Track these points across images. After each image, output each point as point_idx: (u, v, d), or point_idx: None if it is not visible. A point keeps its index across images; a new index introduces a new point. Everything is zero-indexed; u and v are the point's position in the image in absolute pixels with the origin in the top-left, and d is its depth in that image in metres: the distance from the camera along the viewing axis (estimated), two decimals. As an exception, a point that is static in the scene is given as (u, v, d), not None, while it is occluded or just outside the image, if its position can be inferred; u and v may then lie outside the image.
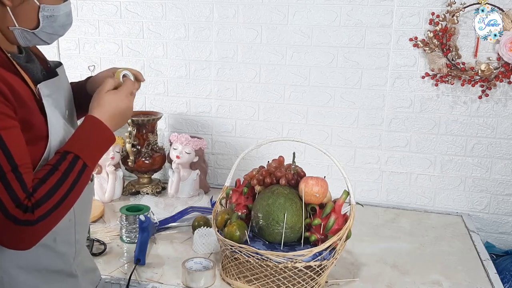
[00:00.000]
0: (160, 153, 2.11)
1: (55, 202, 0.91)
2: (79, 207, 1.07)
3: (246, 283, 1.37)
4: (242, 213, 1.50)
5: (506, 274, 1.75)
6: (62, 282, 1.09)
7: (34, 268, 1.02)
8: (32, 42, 1.01)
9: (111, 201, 2.02)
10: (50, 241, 1.03)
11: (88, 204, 1.18)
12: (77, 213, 1.09)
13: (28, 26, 0.97)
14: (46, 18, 0.97)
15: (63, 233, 1.06)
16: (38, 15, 0.96)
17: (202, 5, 2.12)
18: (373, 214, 2.00)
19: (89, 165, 0.97)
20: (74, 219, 1.08)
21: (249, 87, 2.16)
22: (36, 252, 1.00)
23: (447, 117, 2.00)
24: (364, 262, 1.58)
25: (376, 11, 1.97)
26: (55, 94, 1.03)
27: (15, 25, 0.95)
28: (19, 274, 1.00)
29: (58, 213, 0.93)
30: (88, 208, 1.19)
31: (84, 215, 1.16)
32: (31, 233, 0.90)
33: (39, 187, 0.90)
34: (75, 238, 1.10)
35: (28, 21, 0.96)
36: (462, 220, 1.97)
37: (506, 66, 1.88)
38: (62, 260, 1.08)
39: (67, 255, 1.09)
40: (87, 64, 2.27)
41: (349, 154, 2.12)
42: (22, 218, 0.87)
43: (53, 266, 1.06)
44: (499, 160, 2.00)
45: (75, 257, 1.12)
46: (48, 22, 0.98)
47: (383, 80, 2.03)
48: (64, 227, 1.04)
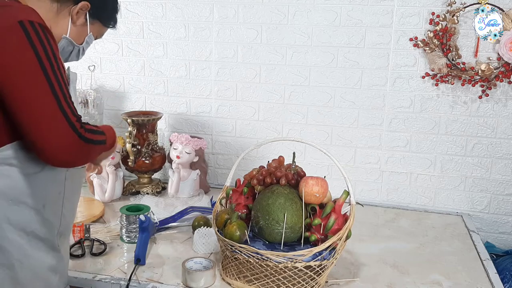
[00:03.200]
0: (160, 153, 2.11)
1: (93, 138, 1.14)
2: (70, 183, 1.21)
3: (246, 283, 1.37)
4: (242, 213, 1.50)
5: (506, 274, 1.75)
6: (45, 252, 1.18)
7: (22, 228, 1.13)
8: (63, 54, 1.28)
9: (111, 201, 2.02)
10: (40, 206, 1.15)
11: (78, 186, 1.30)
12: (68, 188, 1.21)
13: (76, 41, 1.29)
14: (86, 43, 1.32)
15: (52, 203, 1.18)
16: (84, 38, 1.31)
17: (202, 5, 2.12)
18: (373, 214, 2.00)
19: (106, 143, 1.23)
20: (64, 193, 1.20)
21: (249, 87, 2.16)
22: (26, 213, 1.13)
23: (447, 117, 2.00)
24: (364, 262, 1.58)
25: (376, 11, 1.97)
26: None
27: (67, 35, 1.25)
28: (7, 230, 1.11)
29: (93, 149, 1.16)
30: (78, 190, 1.30)
31: (74, 194, 1.27)
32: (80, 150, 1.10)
33: (88, 123, 1.15)
34: (61, 212, 1.21)
35: (77, 38, 1.28)
36: (462, 220, 1.97)
37: (506, 66, 1.88)
38: (47, 228, 1.18)
39: (52, 225, 1.19)
40: (87, 64, 2.27)
41: (349, 154, 2.12)
42: (80, 131, 1.09)
43: (39, 232, 1.16)
44: (499, 160, 2.00)
45: (59, 230, 1.21)
46: (85, 46, 1.33)
47: (383, 80, 2.03)
48: (53, 197, 1.18)
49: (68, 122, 1.06)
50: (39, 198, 1.14)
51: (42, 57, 1.05)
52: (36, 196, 1.13)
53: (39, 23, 1.07)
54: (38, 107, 1.04)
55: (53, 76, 1.06)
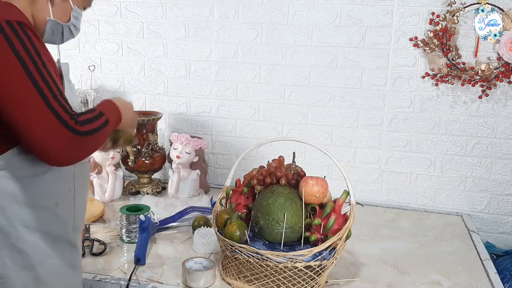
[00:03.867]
0: (160, 153, 2.11)
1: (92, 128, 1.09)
2: (79, 179, 1.21)
3: (246, 283, 1.37)
4: (242, 213, 1.50)
5: (506, 274, 1.75)
6: (63, 250, 1.18)
7: (37, 229, 1.12)
8: (54, 37, 1.21)
9: (111, 201, 2.02)
10: (53, 205, 1.14)
11: (86, 181, 1.29)
12: (77, 184, 1.21)
13: (61, 20, 1.19)
14: (74, 18, 1.22)
15: (64, 200, 1.17)
16: (70, 14, 1.21)
17: (202, 5, 2.12)
18: (373, 214, 2.00)
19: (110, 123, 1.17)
20: (74, 189, 1.20)
21: (249, 87, 2.16)
22: (40, 214, 1.12)
23: (447, 117, 2.00)
24: (364, 262, 1.58)
25: (376, 11, 1.97)
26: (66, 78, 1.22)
27: (51, 17, 1.17)
28: (24, 233, 1.11)
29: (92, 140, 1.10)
30: (86, 185, 1.29)
31: (83, 190, 1.26)
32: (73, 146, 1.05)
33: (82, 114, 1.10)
34: (74, 208, 1.21)
35: (62, 16, 1.20)
36: (462, 220, 1.97)
37: (506, 66, 1.88)
38: (62, 225, 1.17)
39: (67, 222, 1.19)
40: (87, 64, 2.27)
41: (349, 154, 2.12)
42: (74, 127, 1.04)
43: (55, 230, 1.15)
44: (499, 160, 2.00)
45: (74, 227, 1.21)
46: (75, 21, 1.23)
47: (383, 80, 2.03)
48: (64, 195, 1.17)
49: (60, 120, 1.02)
50: (50, 197, 1.13)
51: (24, 58, 1.01)
52: (47, 196, 1.13)
53: (17, 21, 1.04)
54: (26, 109, 1.01)
55: (38, 76, 1.02)
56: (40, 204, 1.12)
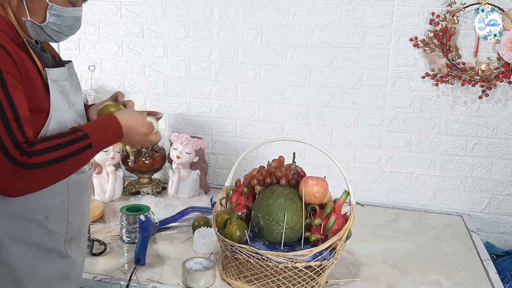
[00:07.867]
0: (160, 153, 2.11)
1: (50, 159, 0.99)
2: (74, 190, 1.15)
3: (246, 283, 1.37)
4: (242, 213, 1.50)
5: (506, 274, 1.75)
6: (53, 261, 1.14)
7: (25, 241, 1.09)
8: (41, 36, 1.12)
9: (111, 201, 2.02)
10: (42, 218, 1.10)
11: (85, 190, 1.23)
12: (72, 195, 1.16)
13: (37, 20, 1.09)
14: (53, 15, 1.09)
15: (56, 213, 1.13)
16: (46, 12, 1.08)
17: (202, 5, 2.12)
18: (373, 214, 2.00)
19: (93, 147, 1.07)
20: (68, 201, 1.15)
21: (249, 87, 2.16)
22: (27, 226, 1.08)
23: (447, 117, 2.00)
24: (364, 262, 1.58)
25: (376, 11, 1.97)
26: (61, 81, 1.13)
27: (27, 17, 1.08)
28: (10, 245, 1.07)
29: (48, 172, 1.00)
30: (85, 193, 1.23)
31: (81, 199, 1.21)
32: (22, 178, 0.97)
33: (41, 142, 1.00)
34: (67, 219, 1.16)
35: (37, 15, 1.09)
36: (462, 220, 1.97)
37: (506, 66, 1.88)
38: (52, 238, 1.13)
39: (57, 234, 1.14)
40: (87, 64, 2.27)
41: (349, 154, 2.12)
42: (19, 159, 0.95)
43: (43, 243, 1.12)
44: (499, 160, 2.00)
45: (67, 238, 1.17)
46: (54, 19, 1.10)
47: (383, 80, 2.03)
48: (56, 207, 1.13)
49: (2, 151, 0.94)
50: (39, 210, 1.09)
51: None
52: (36, 209, 1.09)
53: None
54: None
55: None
56: (27, 217, 1.08)
